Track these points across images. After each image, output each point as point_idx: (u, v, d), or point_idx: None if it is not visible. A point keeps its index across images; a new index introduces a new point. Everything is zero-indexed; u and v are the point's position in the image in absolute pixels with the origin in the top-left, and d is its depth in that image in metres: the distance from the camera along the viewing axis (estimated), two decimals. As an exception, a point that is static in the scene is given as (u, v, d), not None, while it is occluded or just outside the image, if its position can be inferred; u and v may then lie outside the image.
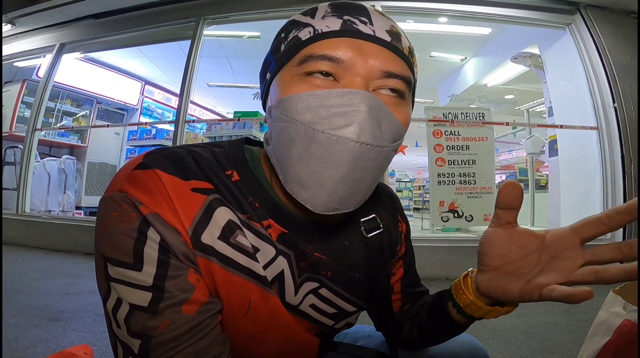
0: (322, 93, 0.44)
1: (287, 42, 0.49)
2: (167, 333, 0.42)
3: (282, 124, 0.46)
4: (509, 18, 3.84)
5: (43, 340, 1.56)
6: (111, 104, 6.56)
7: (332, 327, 0.61)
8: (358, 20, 0.47)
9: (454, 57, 5.72)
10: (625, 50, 3.54)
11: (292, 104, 0.45)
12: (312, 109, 0.44)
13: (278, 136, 0.48)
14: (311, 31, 0.47)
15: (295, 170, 0.46)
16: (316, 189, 0.45)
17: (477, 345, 0.73)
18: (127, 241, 0.43)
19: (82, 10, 4.34)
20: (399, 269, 0.69)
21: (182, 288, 0.43)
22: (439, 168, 3.66)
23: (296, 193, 0.47)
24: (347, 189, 0.45)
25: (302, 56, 0.46)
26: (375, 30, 0.47)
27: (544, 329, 1.88)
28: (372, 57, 0.45)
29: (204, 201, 0.47)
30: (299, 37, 0.48)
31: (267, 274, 0.51)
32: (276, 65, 0.50)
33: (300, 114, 0.44)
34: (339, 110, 0.43)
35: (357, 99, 0.44)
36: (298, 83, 0.46)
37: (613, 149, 3.41)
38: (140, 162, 0.47)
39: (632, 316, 0.75)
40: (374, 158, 0.45)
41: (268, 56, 0.53)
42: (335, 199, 0.46)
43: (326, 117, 0.43)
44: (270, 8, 3.90)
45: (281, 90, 0.47)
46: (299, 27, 0.49)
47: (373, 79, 0.46)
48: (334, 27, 0.46)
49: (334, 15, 0.47)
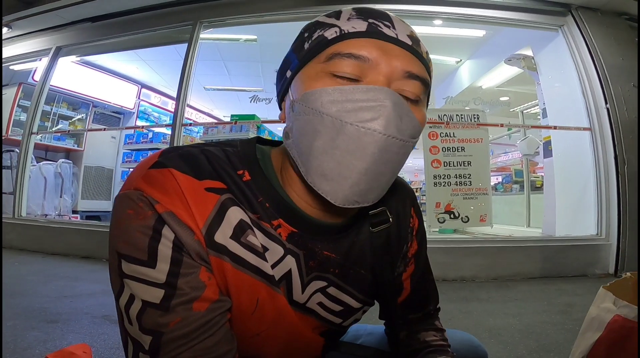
0: (347, 88, 0.46)
1: (311, 40, 0.50)
2: (178, 330, 0.43)
3: (307, 117, 0.47)
4: (502, 20, 3.88)
5: (41, 342, 1.56)
6: (107, 108, 6.55)
7: (339, 324, 0.62)
8: (382, 24, 0.49)
9: (449, 59, 5.76)
10: (617, 51, 3.59)
11: (317, 97, 0.46)
12: (338, 103, 0.45)
13: (301, 129, 0.48)
14: (337, 31, 0.48)
15: (319, 161, 0.47)
16: (339, 181, 0.46)
17: (476, 343, 0.75)
18: (142, 239, 0.44)
19: (78, 14, 4.35)
20: (411, 266, 0.68)
21: (194, 286, 0.44)
22: (435, 170, 3.68)
23: (318, 185, 0.47)
24: (368, 181, 0.47)
25: (328, 53, 0.48)
26: (397, 33, 0.49)
27: (541, 328, 1.89)
28: (395, 58, 0.48)
29: (217, 201, 0.48)
30: (324, 36, 0.49)
31: (275, 273, 0.52)
32: (299, 63, 0.51)
33: (326, 107, 0.46)
34: (365, 104, 0.45)
35: (382, 94, 0.45)
36: (323, 79, 0.48)
37: (606, 150, 3.44)
38: (155, 161, 0.48)
39: (622, 311, 0.76)
40: (396, 151, 0.47)
41: (289, 55, 0.54)
42: (356, 191, 0.47)
43: (352, 111, 0.45)
44: (266, 11, 3.92)
45: (306, 84, 0.49)
46: (323, 27, 0.50)
47: (394, 79, 0.48)
48: (360, 28, 0.48)
49: (359, 18, 0.49)
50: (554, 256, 3.21)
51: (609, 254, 3.26)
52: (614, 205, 3.32)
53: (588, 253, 3.27)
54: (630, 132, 3.36)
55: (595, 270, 3.21)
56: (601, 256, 3.26)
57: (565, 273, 3.16)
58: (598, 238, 3.36)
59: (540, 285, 2.88)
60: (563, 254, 3.22)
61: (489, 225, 3.76)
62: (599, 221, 3.42)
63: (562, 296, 2.51)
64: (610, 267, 3.23)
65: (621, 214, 3.27)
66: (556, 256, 3.21)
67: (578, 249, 3.26)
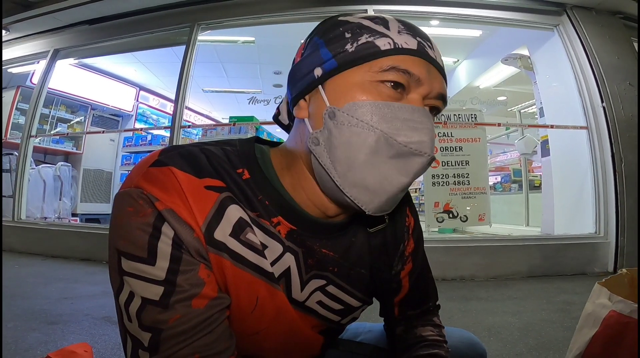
0: (396, 105, 0.47)
1: (357, 44, 0.49)
2: (177, 327, 0.43)
3: (354, 129, 0.47)
4: (498, 20, 3.90)
5: (42, 343, 1.57)
6: (106, 111, 6.55)
7: (338, 322, 0.63)
8: (427, 45, 0.51)
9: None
10: (612, 50, 3.61)
11: (367, 110, 0.47)
12: (388, 119, 0.47)
13: (344, 139, 0.48)
14: (391, 43, 0.48)
15: (362, 174, 0.47)
16: (379, 193, 0.48)
17: (475, 340, 0.75)
18: (141, 236, 0.44)
19: (76, 16, 4.34)
20: (408, 264, 0.69)
21: (193, 283, 0.45)
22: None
23: (355, 196, 0.48)
24: (400, 195, 0.50)
25: (383, 65, 0.48)
26: (436, 56, 0.52)
27: (540, 326, 1.89)
28: (435, 79, 0.51)
29: (216, 199, 0.49)
30: (376, 45, 0.48)
31: (274, 271, 0.52)
32: (338, 65, 0.49)
33: (377, 123, 0.47)
34: (412, 125, 0.47)
35: (425, 117, 0.49)
36: (373, 89, 0.48)
37: (603, 148, 3.46)
38: (155, 159, 0.49)
39: (617, 307, 0.77)
40: (427, 168, 0.51)
41: (319, 51, 0.51)
42: (390, 203, 0.50)
43: (401, 129, 0.47)
44: (264, 13, 3.92)
45: (353, 93, 0.48)
46: (372, 34, 0.49)
47: (429, 98, 0.51)
48: (412, 46, 0.49)
49: (408, 34, 0.50)
50: (552, 255, 3.21)
51: (607, 252, 3.27)
52: (612, 203, 3.33)
53: (587, 251, 3.28)
54: (627, 130, 3.38)
55: (594, 268, 3.22)
56: (600, 255, 3.27)
57: (564, 271, 3.17)
58: (596, 236, 3.38)
59: (539, 283, 2.89)
60: (562, 252, 3.22)
61: (487, 224, 3.77)
62: (597, 220, 3.43)
63: (561, 295, 2.52)
64: (609, 265, 3.24)
65: (619, 212, 3.28)
66: (555, 255, 3.22)
67: (577, 247, 3.27)
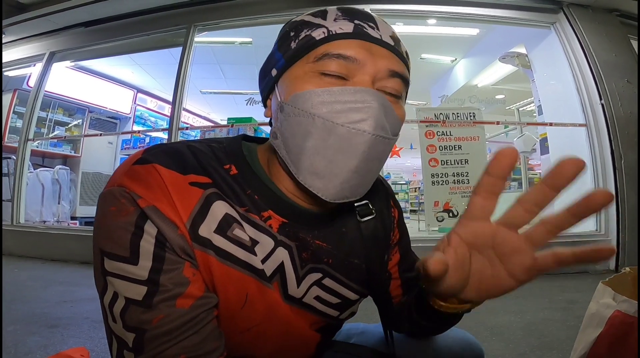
0: (336, 89, 0.48)
1: (298, 40, 0.52)
2: (161, 327, 0.42)
3: (297, 118, 0.49)
4: (495, 18, 3.90)
5: (42, 347, 1.56)
6: (103, 113, 6.53)
7: (337, 317, 0.62)
8: (367, 25, 0.51)
9: (444, 58, 5.79)
10: (609, 47, 3.61)
11: (307, 98, 0.48)
12: (328, 104, 0.47)
13: (291, 129, 0.50)
14: (325, 32, 0.50)
15: (311, 161, 0.48)
16: (331, 179, 0.48)
17: (471, 340, 0.74)
18: (124, 235, 0.43)
19: (71, 19, 4.33)
20: (395, 254, 0.70)
21: (177, 282, 0.44)
22: (432, 169, 3.69)
23: (310, 183, 0.49)
24: (357, 178, 0.50)
25: (317, 53, 0.50)
26: (381, 35, 0.51)
27: (543, 325, 1.88)
28: (380, 58, 0.50)
29: (201, 195, 0.48)
30: (312, 37, 0.51)
31: (267, 267, 0.52)
32: (285, 62, 0.52)
33: (316, 108, 0.47)
34: (353, 106, 0.47)
35: (369, 96, 0.48)
36: (313, 79, 0.49)
37: (602, 146, 3.46)
38: (139, 157, 0.48)
39: (622, 306, 0.76)
40: (382, 148, 0.50)
41: (274, 53, 0.55)
42: (347, 188, 0.50)
43: (342, 112, 0.47)
44: (260, 14, 3.93)
45: (295, 85, 0.50)
46: (311, 27, 0.51)
47: (379, 78, 0.50)
48: (347, 30, 0.50)
49: (345, 19, 0.51)
50: (553, 253, 3.20)
51: (608, 250, 3.26)
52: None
53: (587, 249, 3.27)
54: (626, 127, 3.38)
55: (596, 266, 3.21)
56: (601, 252, 3.26)
57: (566, 270, 3.15)
58: (597, 234, 3.37)
59: (542, 282, 2.88)
60: (563, 251, 3.21)
61: (487, 222, 3.75)
62: (597, 217, 3.42)
63: (564, 293, 2.51)
64: (611, 263, 3.22)
65: (620, 209, 3.27)
66: (556, 253, 3.20)
67: (578, 245, 3.23)
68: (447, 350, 0.69)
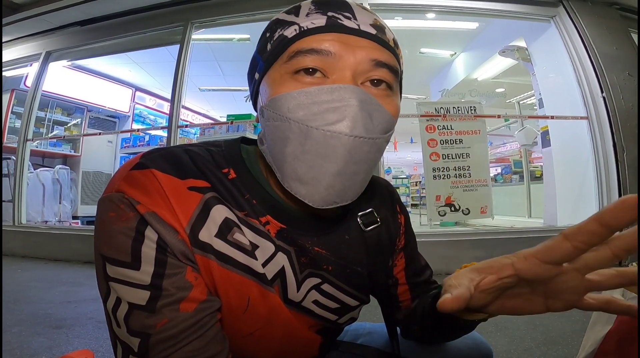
0: (312, 90, 0.45)
1: (273, 41, 0.50)
2: (165, 332, 0.42)
3: (275, 123, 0.47)
4: (494, 12, 3.88)
5: (47, 348, 1.56)
6: (102, 112, 6.52)
7: (335, 322, 0.61)
8: (342, 16, 0.48)
9: (443, 52, 5.76)
10: (609, 40, 3.59)
11: (283, 102, 0.46)
12: (304, 106, 0.45)
13: (272, 135, 0.49)
14: (297, 29, 0.48)
15: (292, 167, 0.47)
16: (314, 185, 0.46)
17: (480, 340, 0.72)
18: (124, 241, 0.43)
19: (66, 18, 4.31)
20: (400, 260, 0.68)
21: (180, 287, 0.44)
22: (433, 163, 3.68)
23: (294, 190, 0.48)
24: (343, 182, 0.47)
25: (290, 52, 0.47)
26: (359, 24, 0.48)
27: (547, 320, 1.87)
28: (359, 49, 0.47)
29: (200, 200, 0.47)
30: (285, 36, 0.48)
31: (268, 271, 0.51)
32: (264, 64, 0.51)
33: (292, 112, 0.45)
34: (330, 106, 0.45)
35: (347, 93, 0.45)
36: (288, 81, 0.47)
37: (604, 138, 3.45)
38: (137, 162, 0.47)
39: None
40: (367, 150, 0.46)
41: (255, 56, 0.54)
42: (332, 193, 0.47)
43: (319, 114, 0.45)
44: (257, 10, 3.91)
45: (272, 89, 0.48)
46: (284, 25, 0.49)
47: (362, 71, 0.47)
48: (319, 24, 0.47)
49: (318, 12, 0.48)
50: (556, 246, 3.21)
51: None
52: (615, 193, 3.33)
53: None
54: (628, 120, 3.37)
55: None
56: (604, 245, 3.27)
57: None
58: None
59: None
60: (566, 244, 3.22)
61: (490, 216, 3.76)
62: (600, 208, 3.41)
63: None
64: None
65: (622, 202, 3.27)
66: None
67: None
68: (457, 350, 0.68)
